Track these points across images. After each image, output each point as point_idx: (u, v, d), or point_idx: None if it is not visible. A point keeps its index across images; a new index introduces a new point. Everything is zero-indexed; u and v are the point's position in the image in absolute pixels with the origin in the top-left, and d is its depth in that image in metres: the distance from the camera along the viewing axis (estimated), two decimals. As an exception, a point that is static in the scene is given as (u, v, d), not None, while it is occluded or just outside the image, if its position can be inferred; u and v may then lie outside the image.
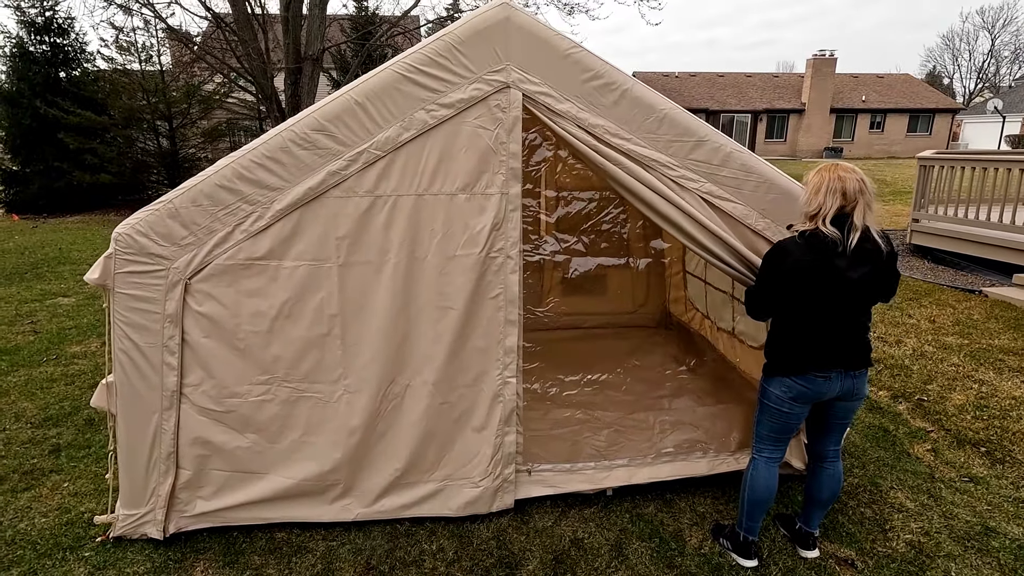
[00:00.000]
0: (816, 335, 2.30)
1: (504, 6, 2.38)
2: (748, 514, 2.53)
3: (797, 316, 2.32)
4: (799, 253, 2.23)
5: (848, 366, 2.32)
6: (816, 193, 2.22)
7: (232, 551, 2.66)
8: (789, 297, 2.30)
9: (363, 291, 2.54)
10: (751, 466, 2.53)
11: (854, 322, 2.31)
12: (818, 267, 2.21)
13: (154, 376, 2.51)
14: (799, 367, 2.32)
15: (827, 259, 2.20)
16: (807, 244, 2.22)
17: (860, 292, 2.27)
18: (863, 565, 2.58)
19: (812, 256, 2.21)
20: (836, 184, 2.19)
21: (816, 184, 2.23)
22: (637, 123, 2.51)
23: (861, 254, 2.22)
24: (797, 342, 2.33)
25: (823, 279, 2.22)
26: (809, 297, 2.26)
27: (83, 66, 14.80)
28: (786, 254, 2.27)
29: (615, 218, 4.48)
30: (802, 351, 2.32)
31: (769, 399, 2.42)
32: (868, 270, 2.24)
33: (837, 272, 2.21)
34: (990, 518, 2.90)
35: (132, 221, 2.39)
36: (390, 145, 2.41)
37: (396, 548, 2.69)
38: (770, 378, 2.42)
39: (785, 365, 2.36)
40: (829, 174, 2.23)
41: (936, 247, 8.17)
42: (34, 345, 5.25)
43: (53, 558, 2.62)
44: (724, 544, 2.66)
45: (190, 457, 2.63)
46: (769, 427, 2.47)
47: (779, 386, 2.38)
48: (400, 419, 2.70)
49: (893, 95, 33.74)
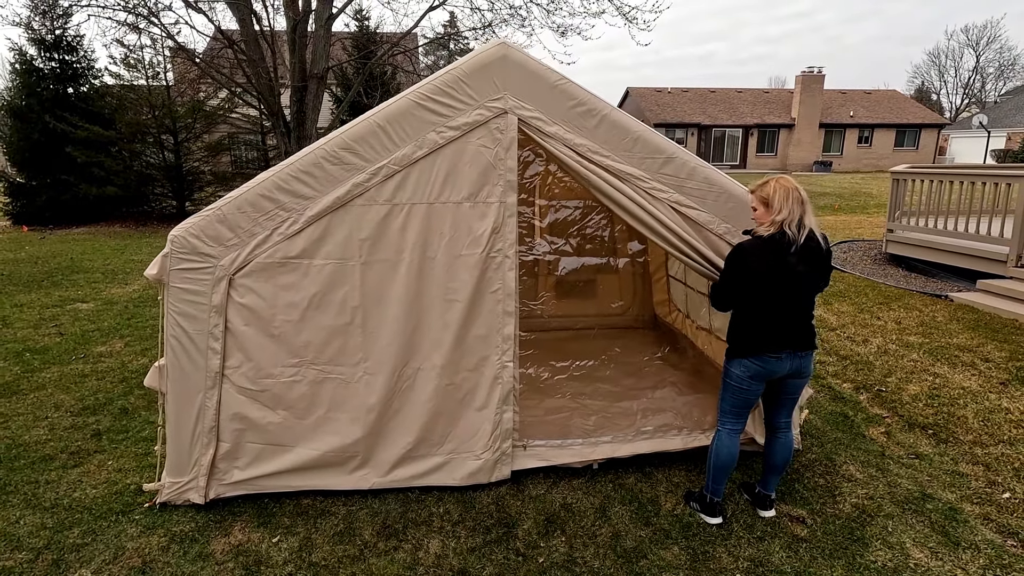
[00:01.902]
0: (771, 322, 2.71)
1: (502, 45, 2.84)
2: (714, 478, 2.93)
3: (755, 306, 2.71)
4: (759, 252, 2.63)
5: (796, 347, 2.74)
6: (786, 202, 2.60)
7: (264, 514, 3.04)
8: (749, 290, 2.69)
9: (381, 285, 2.96)
10: (716, 437, 2.92)
11: (801, 310, 2.74)
12: (774, 264, 2.61)
13: (200, 359, 2.91)
14: (757, 349, 2.73)
15: (782, 257, 2.61)
16: (764, 244, 2.63)
17: (806, 284, 2.70)
18: (812, 522, 2.99)
19: (769, 255, 2.61)
20: (796, 194, 2.62)
21: (784, 195, 2.61)
22: (615, 143, 2.96)
23: (807, 252, 2.65)
24: (755, 328, 2.73)
25: (778, 274, 2.63)
26: (766, 289, 2.65)
27: (91, 82, 15.25)
28: (747, 254, 2.66)
29: (598, 223, 4.96)
30: (759, 336, 2.73)
31: (731, 378, 2.83)
32: (812, 265, 2.68)
33: (789, 267, 2.63)
34: (928, 487, 3.31)
35: (186, 225, 2.80)
36: (406, 161, 2.84)
37: (408, 511, 3.07)
38: (732, 360, 2.82)
39: (745, 348, 2.76)
40: (787, 185, 2.63)
41: (909, 256, 8.64)
42: (61, 345, 5.62)
43: (108, 520, 3.00)
44: (694, 506, 3.05)
45: (229, 431, 3.02)
46: (731, 403, 2.87)
47: (739, 367, 2.78)
48: (412, 398, 3.10)
49: (880, 111, 34.64)
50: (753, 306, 2.73)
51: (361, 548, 2.81)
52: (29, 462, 3.54)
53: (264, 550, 2.79)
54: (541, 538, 2.90)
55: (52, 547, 2.81)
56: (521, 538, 2.89)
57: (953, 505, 3.14)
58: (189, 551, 2.78)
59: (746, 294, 2.72)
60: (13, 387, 4.65)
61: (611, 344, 5.18)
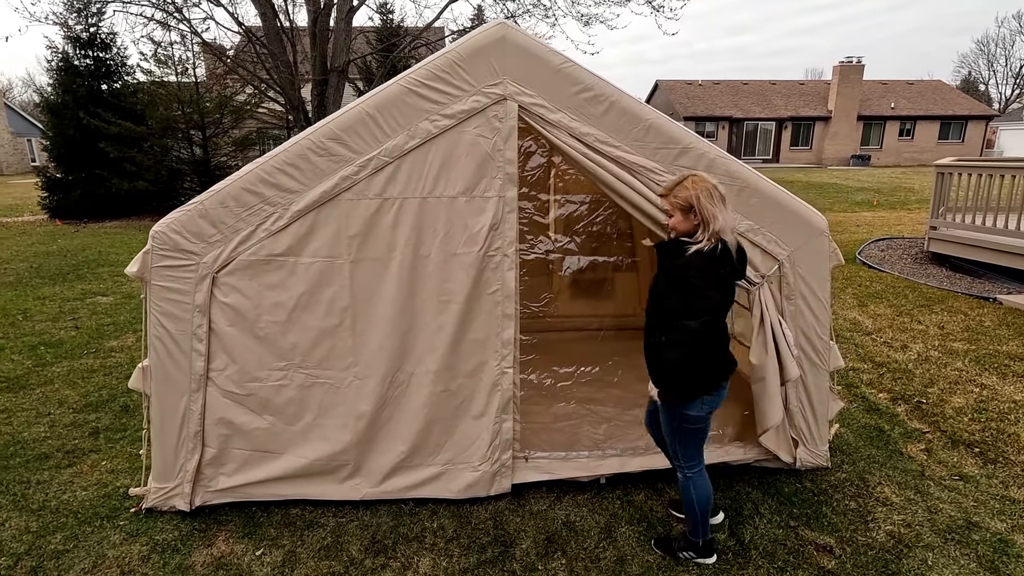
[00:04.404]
0: (721, 344, 2.38)
1: (501, 26, 2.61)
2: (702, 521, 2.58)
3: (709, 330, 2.28)
4: (715, 268, 2.23)
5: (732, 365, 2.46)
6: (713, 208, 2.20)
7: (251, 524, 2.91)
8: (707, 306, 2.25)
9: (372, 285, 2.77)
10: (691, 484, 2.54)
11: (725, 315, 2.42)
12: (726, 276, 2.30)
13: (184, 361, 2.78)
14: (716, 381, 2.40)
15: (728, 266, 2.29)
16: (712, 257, 2.21)
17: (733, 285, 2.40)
18: (841, 552, 2.70)
19: (721, 267, 2.25)
20: (718, 194, 2.22)
21: (707, 202, 2.19)
22: (625, 132, 2.70)
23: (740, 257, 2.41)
24: (709, 357, 2.34)
25: (727, 286, 2.32)
26: (720, 307, 2.31)
27: (124, 79, 15.57)
28: (709, 275, 2.22)
29: (605, 219, 4.67)
30: (714, 364, 2.38)
31: (691, 423, 2.44)
32: (742, 263, 2.44)
33: (731, 277, 2.34)
34: (975, 513, 2.98)
35: (167, 220, 2.66)
36: (397, 152, 2.65)
37: (400, 525, 2.90)
38: (689, 403, 2.39)
39: (703, 384, 2.37)
40: (706, 186, 2.22)
41: (954, 254, 8.11)
42: (75, 339, 5.63)
43: (92, 525, 2.90)
44: (687, 556, 2.64)
45: (215, 436, 2.88)
46: (696, 445, 2.54)
47: (698, 407, 2.40)
48: (405, 405, 2.92)
49: (924, 102, 33.12)
50: (708, 331, 2.28)
51: (347, 565, 2.64)
52: (24, 460, 3.49)
53: (246, 563, 2.64)
54: (539, 559, 2.68)
55: (33, 552, 2.72)
56: (518, 559, 2.69)
57: (1003, 536, 2.81)
58: (169, 562, 2.65)
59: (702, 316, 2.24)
60: (22, 381, 4.65)
61: (625, 347, 4.91)
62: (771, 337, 2.91)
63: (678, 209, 2.25)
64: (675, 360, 2.28)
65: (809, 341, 3.07)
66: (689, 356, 2.27)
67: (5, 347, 5.37)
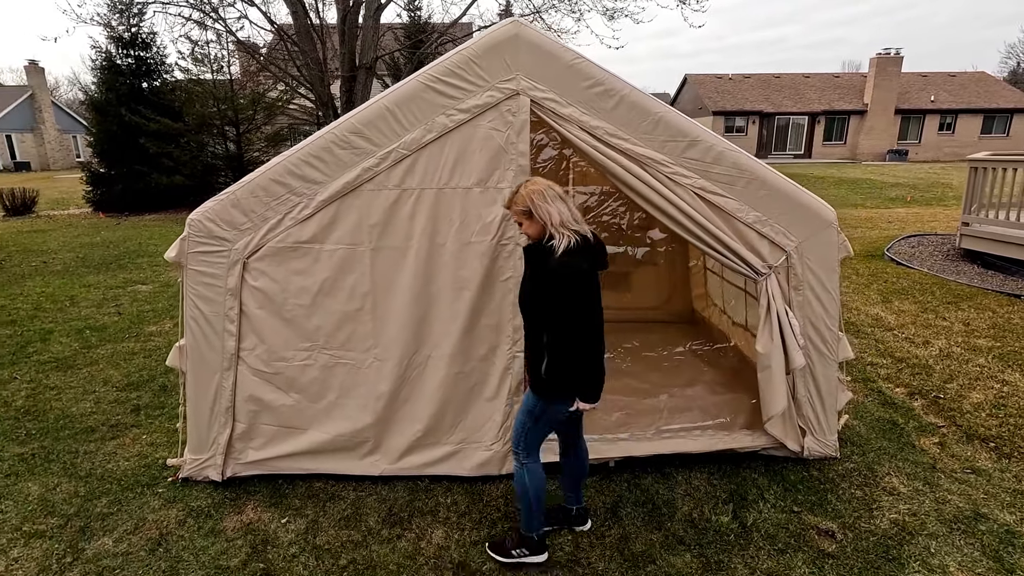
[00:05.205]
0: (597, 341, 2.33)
1: (515, 24, 2.72)
2: (538, 513, 2.57)
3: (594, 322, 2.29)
4: (584, 264, 2.22)
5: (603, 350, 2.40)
6: (547, 205, 2.21)
7: (277, 495, 3.10)
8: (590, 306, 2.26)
9: (391, 272, 2.93)
10: (527, 473, 2.50)
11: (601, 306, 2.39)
12: (594, 263, 2.29)
13: (217, 340, 2.98)
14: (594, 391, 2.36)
15: (596, 253, 2.30)
16: (580, 252, 2.22)
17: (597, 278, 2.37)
18: (843, 536, 2.75)
19: (589, 259, 2.25)
20: (551, 192, 2.24)
21: (540, 201, 2.22)
22: (634, 125, 2.79)
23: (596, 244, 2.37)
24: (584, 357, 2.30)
25: (593, 282, 2.29)
26: (594, 296, 2.28)
27: (163, 77, 16.16)
28: (577, 265, 2.20)
29: (614, 210, 4.74)
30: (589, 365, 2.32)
31: (548, 416, 2.42)
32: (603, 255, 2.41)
33: (601, 264, 2.35)
34: (984, 505, 2.99)
35: (203, 209, 2.86)
36: (415, 145, 2.79)
37: (415, 499, 3.05)
38: (558, 402, 2.37)
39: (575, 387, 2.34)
40: (537, 187, 2.25)
41: (986, 251, 7.90)
42: (118, 324, 5.97)
43: (134, 492, 3.14)
44: (520, 553, 2.59)
45: (244, 412, 3.08)
46: (541, 435, 2.51)
47: (563, 407, 2.39)
48: (422, 386, 3.07)
49: (966, 94, 31.93)
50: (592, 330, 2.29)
51: (365, 534, 2.81)
52: (73, 433, 3.76)
53: (272, 530, 2.83)
54: (547, 535, 2.80)
55: (81, 515, 2.96)
56: (526, 534, 2.81)
57: (1011, 528, 2.82)
58: (203, 526, 2.86)
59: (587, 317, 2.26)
60: (70, 361, 4.97)
61: (643, 338, 4.99)
62: (777, 326, 2.96)
63: (522, 216, 2.28)
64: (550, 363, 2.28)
65: (817, 331, 3.12)
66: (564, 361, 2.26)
67: (54, 330, 5.73)
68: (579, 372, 2.31)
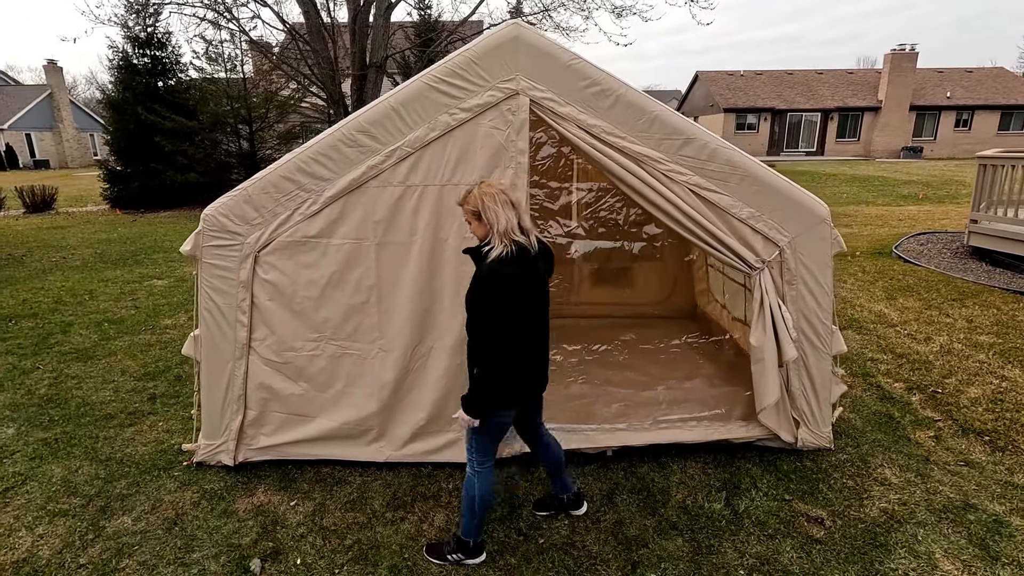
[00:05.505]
0: (535, 348, 2.37)
1: (515, 26, 2.82)
2: (479, 521, 2.58)
3: (518, 335, 2.29)
4: (515, 269, 2.21)
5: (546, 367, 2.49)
6: (497, 209, 2.22)
7: (286, 479, 3.23)
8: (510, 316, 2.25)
9: (395, 266, 3.04)
10: (479, 478, 2.51)
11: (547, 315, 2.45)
12: (529, 274, 2.27)
13: (229, 331, 3.11)
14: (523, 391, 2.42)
15: (533, 264, 2.29)
16: (515, 259, 2.21)
17: (547, 286, 2.43)
18: (831, 524, 2.83)
19: (524, 267, 2.24)
20: (503, 197, 2.24)
21: (490, 204, 2.22)
22: (630, 123, 2.88)
23: (542, 253, 2.38)
24: (520, 366, 2.33)
25: (534, 285, 2.30)
26: (529, 308, 2.29)
27: (177, 76, 16.42)
28: (503, 275, 2.20)
29: (611, 206, 4.83)
30: (526, 372, 2.37)
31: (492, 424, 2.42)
32: (549, 264, 2.43)
33: (540, 274, 2.34)
34: (974, 496, 3.05)
35: (216, 205, 2.99)
36: (419, 143, 2.90)
37: (419, 485, 3.17)
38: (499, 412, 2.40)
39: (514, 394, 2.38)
40: (491, 191, 2.26)
41: (995, 249, 7.87)
42: (135, 317, 6.16)
43: (151, 475, 3.29)
44: (456, 558, 2.61)
45: (255, 399, 3.22)
46: (493, 441, 2.52)
47: (505, 414, 2.43)
48: (425, 376, 3.18)
49: (983, 91, 31.48)
50: (517, 335, 2.28)
51: (370, 516, 2.93)
52: (93, 419, 3.93)
53: (282, 512, 2.97)
54: (544, 520, 2.91)
55: (102, 495, 3.12)
56: (524, 518, 2.92)
57: (999, 517, 2.88)
58: (216, 507, 3.00)
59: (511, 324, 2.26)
60: (90, 352, 5.15)
61: (644, 332, 5.07)
62: (770, 320, 3.04)
63: (472, 216, 2.30)
64: (483, 372, 2.30)
65: (811, 325, 3.18)
66: (493, 368, 2.27)
67: (75, 323, 5.93)
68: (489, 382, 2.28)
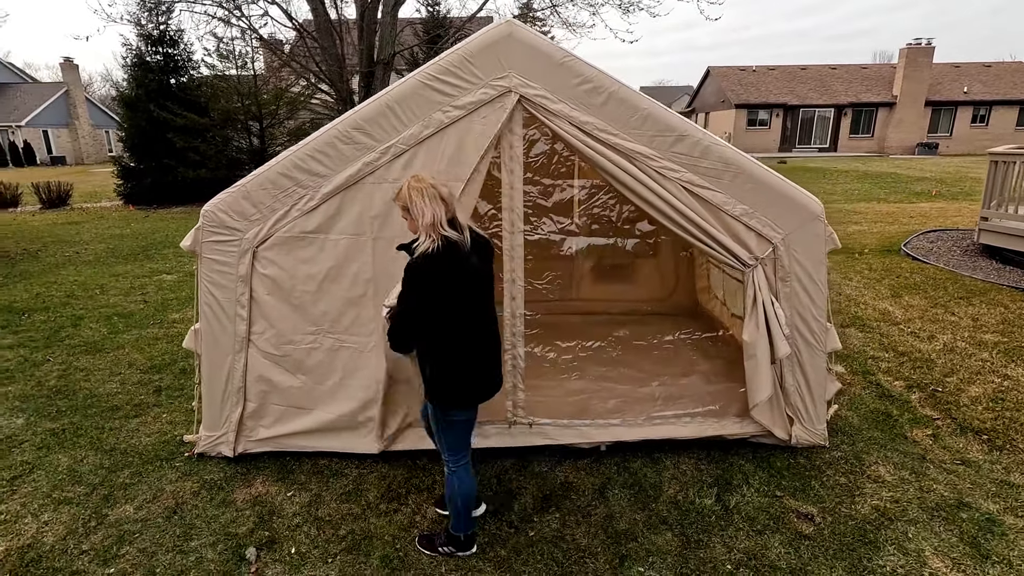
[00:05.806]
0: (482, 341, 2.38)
1: (508, 24, 2.84)
2: (465, 516, 2.61)
3: (461, 330, 2.31)
4: (440, 263, 2.19)
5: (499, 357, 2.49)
6: (423, 204, 2.18)
7: (284, 470, 3.30)
8: (447, 312, 2.26)
9: (391, 261, 3.08)
10: (457, 476, 2.53)
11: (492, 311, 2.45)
12: (460, 269, 2.24)
13: (229, 325, 3.18)
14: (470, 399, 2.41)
15: (465, 259, 2.25)
16: (443, 253, 2.19)
17: (488, 280, 2.40)
18: (821, 520, 2.84)
19: (452, 261, 2.21)
20: (432, 192, 2.20)
21: (417, 199, 2.19)
22: (623, 120, 2.89)
23: (477, 247, 2.34)
24: (471, 361, 2.35)
25: (467, 280, 2.27)
26: (463, 305, 2.29)
27: (189, 73, 16.60)
28: (426, 270, 2.19)
29: (604, 203, 4.84)
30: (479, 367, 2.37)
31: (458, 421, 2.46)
32: (486, 258, 2.39)
33: (474, 268, 2.29)
34: (968, 495, 3.04)
35: (215, 201, 3.05)
36: (413, 140, 2.93)
37: (413, 477, 3.22)
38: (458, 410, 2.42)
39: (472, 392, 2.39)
40: (419, 185, 2.23)
41: (1006, 247, 7.77)
42: (144, 311, 6.27)
43: (153, 465, 3.37)
44: (447, 551, 2.66)
45: (255, 392, 3.28)
46: (462, 439, 2.53)
47: (461, 413, 2.45)
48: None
49: (1001, 86, 30.92)
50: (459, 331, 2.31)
51: (364, 508, 2.98)
52: (99, 411, 4.02)
53: (279, 502, 3.03)
54: (536, 513, 2.95)
55: (106, 484, 3.20)
56: (517, 512, 2.96)
57: (992, 516, 2.87)
58: (215, 497, 3.07)
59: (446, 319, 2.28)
60: (99, 345, 5.26)
61: (644, 330, 5.08)
62: (763, 316, 3.05)
63: (404, 211, 2.28)
64: (431, 372, 2.34)
65: (805, 322, 3.19)
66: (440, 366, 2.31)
67: (85, 316, 6.05)
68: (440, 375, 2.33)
